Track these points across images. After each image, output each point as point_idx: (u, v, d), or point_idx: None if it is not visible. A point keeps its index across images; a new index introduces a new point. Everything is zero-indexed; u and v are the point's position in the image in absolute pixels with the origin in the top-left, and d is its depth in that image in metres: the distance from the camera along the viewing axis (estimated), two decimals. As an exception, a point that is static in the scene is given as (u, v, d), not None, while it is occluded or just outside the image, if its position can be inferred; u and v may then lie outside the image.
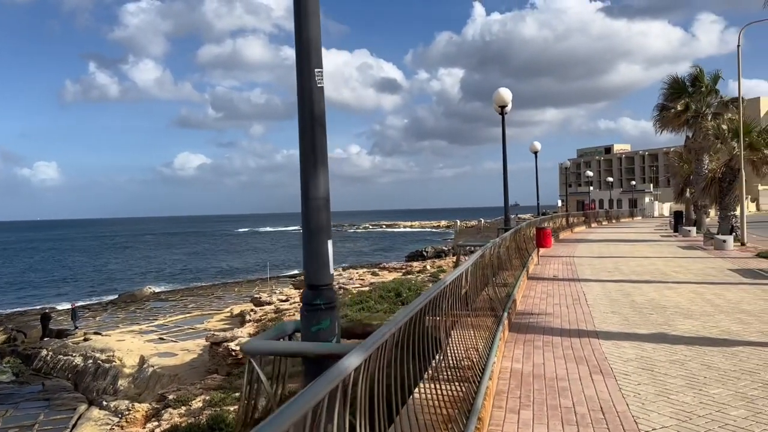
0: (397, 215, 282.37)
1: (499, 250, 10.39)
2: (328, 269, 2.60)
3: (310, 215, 2.47)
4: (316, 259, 2.57)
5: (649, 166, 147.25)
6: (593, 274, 15.01)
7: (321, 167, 2.44)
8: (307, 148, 2.41)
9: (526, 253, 17.19)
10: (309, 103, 2.37)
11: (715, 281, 12.98)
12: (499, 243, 9.81)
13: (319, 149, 2.43)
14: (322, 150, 2.45)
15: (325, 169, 2.45)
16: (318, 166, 2.42)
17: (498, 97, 13.86)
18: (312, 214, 2.48)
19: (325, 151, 2.47)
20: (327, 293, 2.60)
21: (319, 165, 2.43)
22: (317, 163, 2.43)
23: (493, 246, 8.96)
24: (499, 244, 9.95)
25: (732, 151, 25.33)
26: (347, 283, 43.30)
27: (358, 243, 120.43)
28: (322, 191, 2.46)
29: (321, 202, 2.47)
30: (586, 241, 28.75)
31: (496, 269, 9.87)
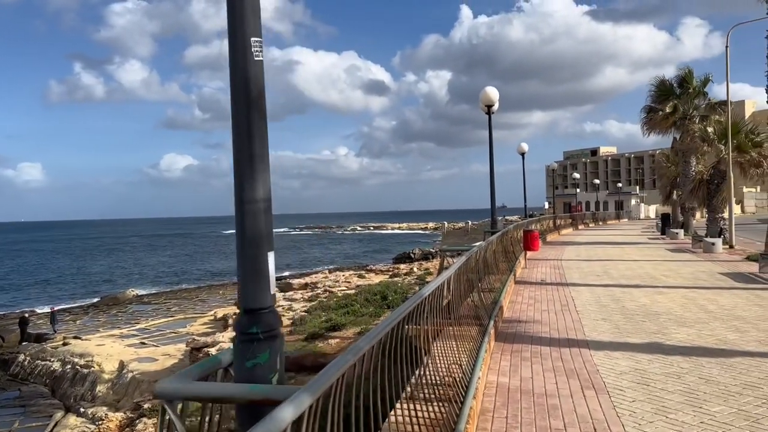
0: (385, 217, 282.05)
1: (485, 254, 9.98)
2: (268, 288, 2.07)
3: (246, 222, 1.93)
4: (253, 276, 2.04)
5: (635, 169, 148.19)
6: (582, 278, 14.64)
7: (259, 162, 1.91)
8: (241, 138, 1.88)
9: (513, 256, 16.81)
10: (243, 82, 1.86)
11: (706, 285, 12.65)
12: (485, 247, 9.39)
13: (257, 139, 1.90)
14: (260, 140, 1.92)
15: (264, 164, 1.92)
16: (255, 161, 1.90)
17: (485, 96, 13.46)
18: (248, 221, 1.97)
19: (264, 142, 1.95)
20: (267, 319, 2.06)
21: (257, 160, 1.91)
22: (254, 158, 1.90)
23: (479, 250, 8.54)
24: (485, 248, 9.53)
25: (720, 154, 25.14)
26: (333, 285, 42.78)
27: (345, 245, 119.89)
28: (261, 192, 1.93)
29: (260, 206, 1.93)
30: (574, 244, 28.46)
31: (482, 274, 9.45)
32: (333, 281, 45.45)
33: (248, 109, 1.86)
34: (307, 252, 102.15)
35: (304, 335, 22.75)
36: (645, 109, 35.89)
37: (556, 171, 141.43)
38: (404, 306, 3.68)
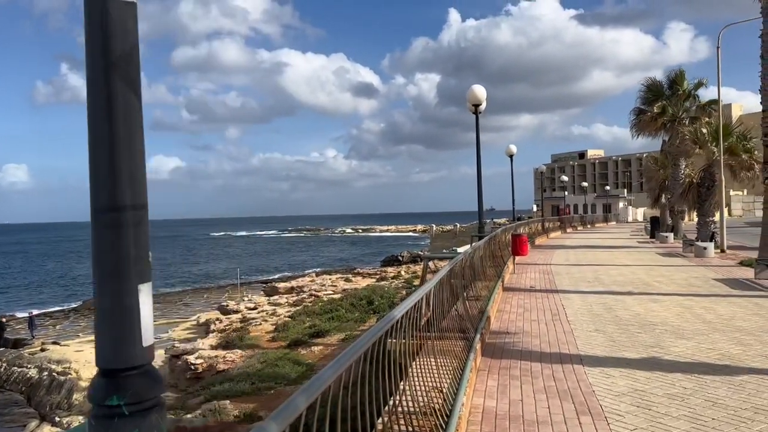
0: (374, 219, 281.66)
1: (472, 260, 9.42)
2: (137, 338, 1.35)
3: (102, 240, 1.30)
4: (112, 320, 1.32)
5: (623, 172, 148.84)
6: (572, 284, 14.12)
7: (125, 150, 1.25)
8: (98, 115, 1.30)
9: (501, 261, 16.27)
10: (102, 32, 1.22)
11: (701, 293, 12.17)
12: (470, 254, 8.82)
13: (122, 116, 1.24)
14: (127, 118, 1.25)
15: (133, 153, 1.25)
16: (118, 149, 1.24)
17: (471, 95, 12.91)
18: (105, 238, 1.32)
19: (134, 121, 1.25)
20: (136, 384, 1.34)
21: (121, 146, 1.24)
22: (116, 144, 1.24)
23: (464, 257, 7.98)
24: (471, 254, 8.97)
25: (711, 156, 24.78)
26: (319, 289, 42.13)
27: (333, 247, 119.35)
28: (128, 195, 1.26)
29: (125, 217, 1.25)
30: (563, 248, 28.01)
31: (468, 281, 8.90)
32: (319, 285, 44.78)
33: (108, 73, 1.23)
34: (296, 254, 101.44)
35: (286, 342, 22.11)
36: (634, 111, 35.59)
37: (545, 174, 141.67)
38: (373, 331, 3.10)
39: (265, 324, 26.74)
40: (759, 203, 74.57)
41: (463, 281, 8.34)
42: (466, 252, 8.27)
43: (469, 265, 8.76)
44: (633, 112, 35.66)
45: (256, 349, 21.78)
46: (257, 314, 30.62)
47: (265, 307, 33.70)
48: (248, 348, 22.06)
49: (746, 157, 24.43)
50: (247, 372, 16.79)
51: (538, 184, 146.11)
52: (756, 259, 15.07)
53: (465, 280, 8.07)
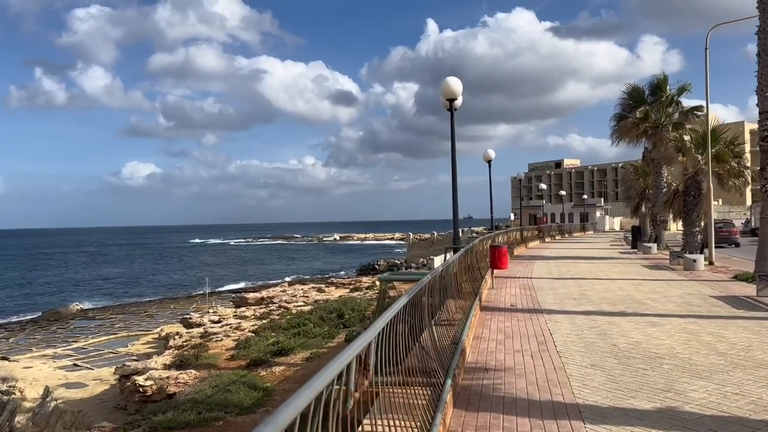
0: (352, 227, 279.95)
1: (444, 278, 7.90)
2: None
3: None
4: None
5: (598, 181, 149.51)
6: (557, 302, 12.66)
7: None
8: None
9: (478, 274, 14.79)
10: None
11: (703, 314, 10.77)
12: (441, 272, 7.28)
13: None
14: None
15: None
16: None
17: (446, 88, 11.42)
18: None
19: None
20: None
21: None
22: None
23: (433, 278, 6.43)
24: (442, 272, 7.43)
25: (697, 163, 23.66)
26: (290, 300, 40.27)
27: (310, 255, 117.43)
28: None
29: None
30: (543, 258, 26.68)
31: (437, 307, 7.37)
32: (290, 296, 42.90)
33: None
34: (271, 263, 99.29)
35: (246, 361, 20.35)
36: (615, 117, 34.56)
37: (522, 181, 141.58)
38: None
39: (227, 340, 24.91)
40: (735, 213, 73.70)
41: (432, 305, 6.80)
42: (435, 271, 6.73)
43: (438, 287, 7.22)
44: (613, 118, 34.62)
45: (212, 369, 19.98)
46: (220, 328, 28.73)
47: (230, 320, 31.78)
48: (204, 368, 20.26)
49: (735, 164, 23.36)
50: (195, 398, 15.03)
51: (515, 192, 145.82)
52: (757, 273, 13.78)
53: (434, 305, 6.53)
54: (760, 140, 15.32)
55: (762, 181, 15.33)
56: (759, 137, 15.39)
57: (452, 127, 11.91)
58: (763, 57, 15.15)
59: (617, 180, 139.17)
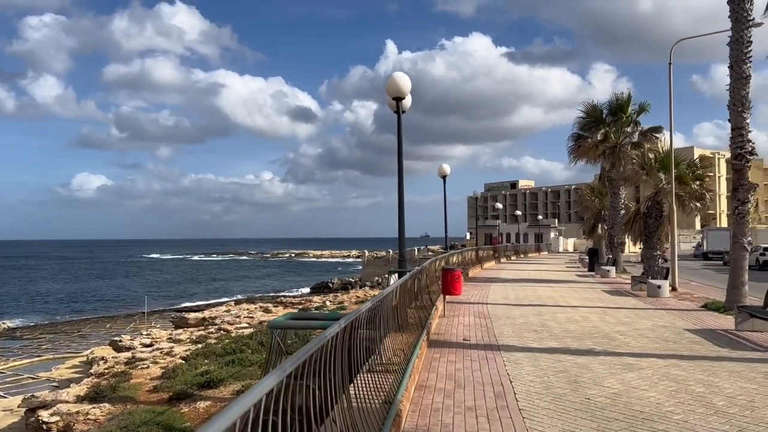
0: (309, 243, 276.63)
1: (374, 320, 6.17)
2: None
3: None
4: None
5: (552, 202, 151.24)
6: (516, 335, 11.06)
7: None
8: None
9: (429, 300, 13.13)
10: None
11: (683, 353, 9.32)
12: (370, 308, 5.54)
13: None
14: None
15: None
16: None
17: (392, 85, 9.76)
18: None
19: None
20: None
21: None
22: None
23: (354, 320, 4.70)
24: (371, 309, 5.69)
25: (658, 184, 22.69)
26: (233, 321, 37.82)
27: (263, 272, 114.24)
28: None
29: None
30: (499, 281, 25.27)
31: (369, 350, 5.64)
32: (234, 316, 40.37)
33: None
34: (220, 280, 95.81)
35: (170, 393, 18.10)
36: (572, 137, 33.75)
37: (478, 201, 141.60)
38: None
39: (154, 367, 22.47)
40: (685, 235, 73.95)
41: (355, 361, 5.06)
42: (361, 311, 4.98)
43: (367, 326, 5.49)
44: (571, 137, 33.83)
45: (130, 403, 17.66)
46: (150, 353, 26.20)
47: (163, 343, 29.25)
48: (121, 401, 17.87)
49: (697, 186, 22.47)
50: (97, 443, 12.82)
51: (471, 212, 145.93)
52: (736, 305, 12.50)
53: (354, 362, 4.78)
54: (733, 159, 14.22)
55: (734, 202, 14.20)
56: (731, 155, 14.28)
57: (399, 130, 10.27)
58: (736, 69, 14.10)
59: (570, 201, 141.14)
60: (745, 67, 13.95)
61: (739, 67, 14.01)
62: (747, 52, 13.94)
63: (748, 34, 13.93)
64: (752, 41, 13.98)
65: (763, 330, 11.20)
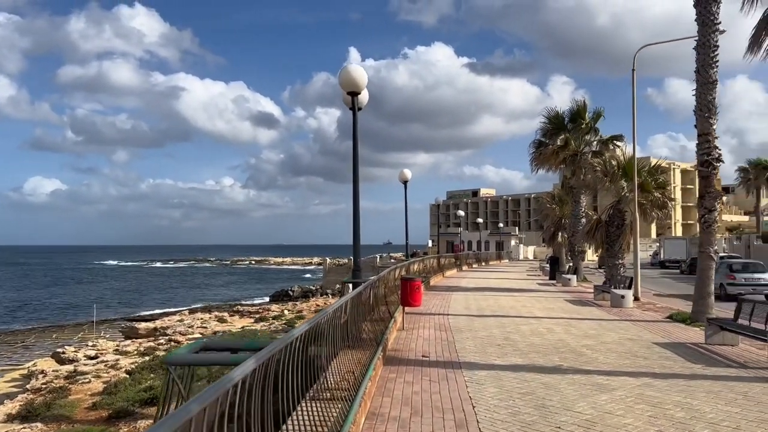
0: (271, 250, 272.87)
1: (322, 337, 5.34)
2: None
3: None
4: None
5: (513, 210, 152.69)
6: (479, 351, 10.34)
7: None
8: None
9: (387, 312, 12.33)
10: None
11: (655, 370, 8.72)
12: (307, 331, 4.69)
13: None
14: None
15: None
16: None
17: (346, 78, 8.92)
18: None
19: None
20: None
21: None
22: None
23: (288, 345, 3.86)
24: (308, 332, 4.84)
25: (621, 192, 22.44)
26: (185, 332, 36.38)
27: (221, 279, 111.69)
28: None
29: None
30: (461, 290, 24.65)
31: (303, 385, 4.80)
32: (187, 326, 38.86)
33: None
34: (177, 287, 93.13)
35: (109, 411, 16.85)
36: (534, 144, 33.53)
37: (440, 209, 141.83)
38: None
39: (96, 382, 21.09)
40: (642, 244, 75.00)
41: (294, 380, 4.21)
42: (293, 336, 4.12)
43: (311, 345, 4.65)
44: (532, 145, 33.62)
45: (65, 422, 16.35)
46: (93, 366, 24.76)
47: (109, 355, 27.73)
48: (55, 420, 16.54)
49: (659, 195, 22.28)
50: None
51: (434, 219, 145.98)
52: (705, 318, 12.06)
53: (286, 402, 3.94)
54: (699, 165, 13.86)
55: (701, 210, 13.82)
56: (698, 162, 13.92)
57: (354, 128, 9.44)
58: (702, 74, 13.76)
59: (530, 210, 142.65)
60: (712, 72, 13.63)
61: (706, 71, 13.68)
62: (714, 57, 13.63)
63: (714, 39, 13.63)
64: (719, 45, 13.67)
65: (734, 344, 10.75)
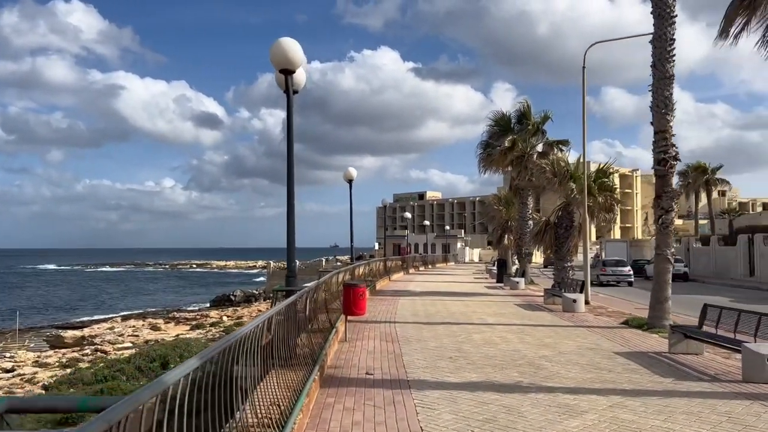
0: (214, 254, 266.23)
1: (243, 357, 4.14)
2: None
3: None
4: None
5: (458, 213, 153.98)
6: (429, 365, 9.28)
7: None
8: None
9: (328, 320, 11.16)
10: None
11: (624, 386, 7.87)
12: (191, 381, 3.50)
13: None
14: None
15: None
16: None
17: (278, 53, 7.65)
18: None
19: None
20: None
21: None
22: None
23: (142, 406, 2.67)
24: (193, 381, 3.64)
25: (570, 194, 21.96)
26: (115, 340, 34.17)
27: (161, 284, 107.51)
28: None
29: None
30: (408, 294, 23.68)
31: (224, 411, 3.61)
32: (117, 334, 36.55)
33: None
34: (112, 292, 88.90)
35: (16, 435, 15.01)
36: (482, 145, 33.02)
37: (387, 212, 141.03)
38: None
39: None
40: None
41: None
42: (162, 387, 2.91)
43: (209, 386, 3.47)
44: (480, 146, 33.08)
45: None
46: (7, 381, 22.57)
47: (26, 368, 25.47)
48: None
49: (606, 197, 21.91)
50: None
51: (380, 222, 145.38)
52: (669, 326, 11.41)
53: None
54: (656, 164, 13.27)
55: (658, 211, 13.24)
56: (654, 160, 13.34)
57: (289, 113, 8.21)
58: (659, 68, 13.19)
59: (475, 213, 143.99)
60: (669, 66, 13.08)
61: (663, 66, 13.12)
62: (670, 50, 13.07)
63: (671, 32, 13.08)
64: (675, 39, 13.13)
65: (698, 352, 10.09)
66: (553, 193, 24.21)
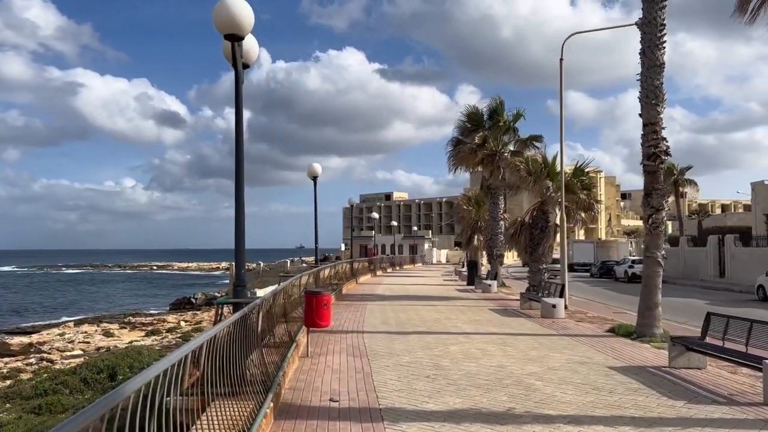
0: (176, 255, 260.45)
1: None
2: None
3: None
4: None
5: (425, 214, 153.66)
6: (404, 387, 8.03)
7: None
8: None
9: (287, 335, 9.82)
10: None
11: (632, 413, 6.74)
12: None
13: None
14: None
15: None
16: None
17: (221, 14, 6.29)
18: None
19: None
20: None
21: None
22: None
23: None
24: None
25: (545, 192, 21.02)
26: (64, 348, 32.07)
27: (119, 286, 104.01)
28: None
29: None
30: (377, 299, 22.41)
31: None
32: (67, 341, 34.42)
33: None
34: (67, 295, 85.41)
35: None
36: (452, 142, 31.97)
37: (354, 212, 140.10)
38: None
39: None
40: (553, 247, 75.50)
41: None
42: None
43: None
44: (450, 143, 32.04)
45: None
46: (-64, 397, 20.47)
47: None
48: None
49: (584, 196, 21.03)
50: None
51: (347, 222, 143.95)
52: (672, 338, 10.40)
53: None
54: (645, 159, 12.29)
55: (648, 210, 12.25)
56: (643, 155, 12.35)
57: (237, 87, 6.86)
58: (648, 55, 12.21)
59: (442, 213, 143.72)
60: (659, 54, 12.12)
61: (652, 52, 12.14)
62: (660, 36, 12.11)
63: (661, 15, 12.12)
64: (665, 24, 12.17)
65: (701, 366, 9.07)
66: (528, 192, 23.26)
